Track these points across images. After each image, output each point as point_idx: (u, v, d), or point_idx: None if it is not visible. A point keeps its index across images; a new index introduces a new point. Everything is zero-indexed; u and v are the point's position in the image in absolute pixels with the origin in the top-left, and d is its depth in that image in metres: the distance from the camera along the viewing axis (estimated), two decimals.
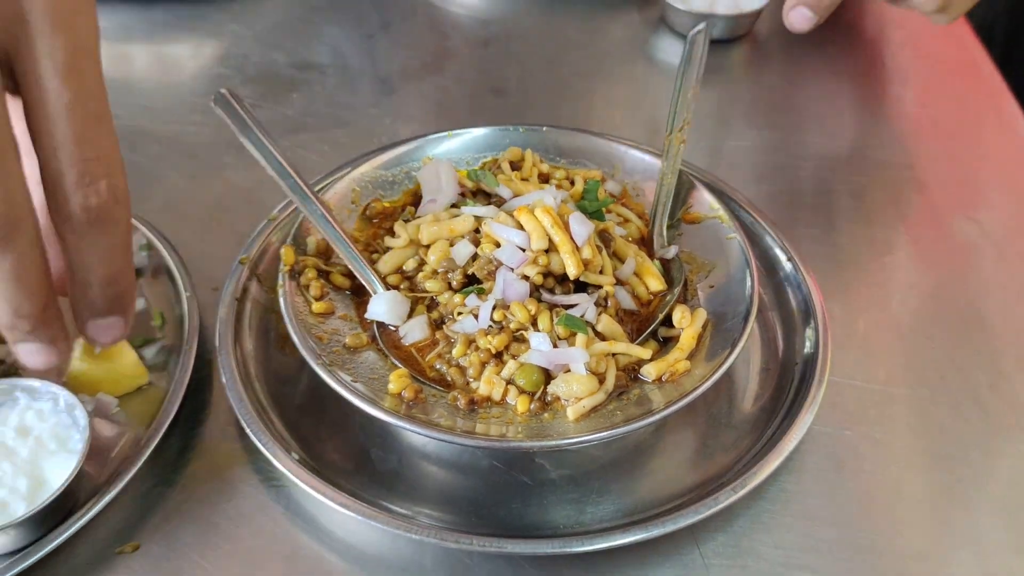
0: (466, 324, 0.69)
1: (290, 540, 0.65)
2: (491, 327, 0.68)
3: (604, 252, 0.73)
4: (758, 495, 0.67)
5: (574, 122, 0.98)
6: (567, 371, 0.67)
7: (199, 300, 0.77)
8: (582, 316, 0.68)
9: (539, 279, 0.69)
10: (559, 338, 0.68)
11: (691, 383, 0.66)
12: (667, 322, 0.71)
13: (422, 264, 0.73)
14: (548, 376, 0.67)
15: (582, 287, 0.71)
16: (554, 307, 0.69)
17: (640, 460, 0.70)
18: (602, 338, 0.69)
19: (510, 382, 0.67)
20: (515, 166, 0.83)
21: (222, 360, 0.71)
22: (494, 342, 0.67)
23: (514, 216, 0.71)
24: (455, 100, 1.07)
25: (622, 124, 1.04)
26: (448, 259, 0.72)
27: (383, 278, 0.73)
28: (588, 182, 0.81)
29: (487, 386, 0.67)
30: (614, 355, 0.68)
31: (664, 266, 0.76)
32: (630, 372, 0.68)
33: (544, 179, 0.83)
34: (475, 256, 0.71)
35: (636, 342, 0.70)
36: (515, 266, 0.69)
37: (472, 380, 0.68)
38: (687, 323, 0.70)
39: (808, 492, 0.68)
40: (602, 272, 0.72)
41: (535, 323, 0.68)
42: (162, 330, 0.76)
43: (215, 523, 0.66)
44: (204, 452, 0.70)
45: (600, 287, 0.71)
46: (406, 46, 1.15)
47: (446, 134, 0.85)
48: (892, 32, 1.18)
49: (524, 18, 1.19)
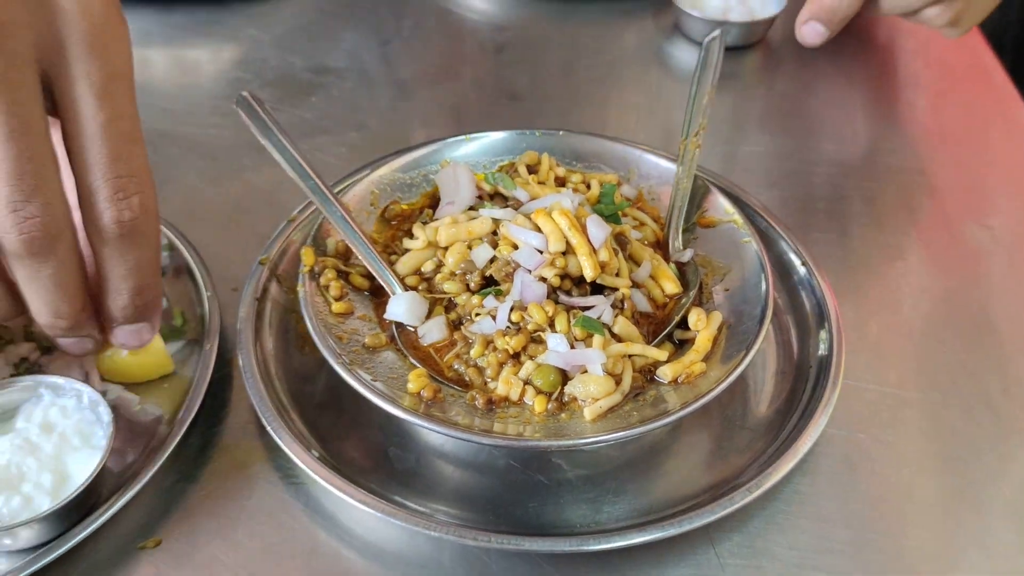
0: (484, 325, 0.70)
1: (310, 537, 0.66)
2: (509, 328, 0.69)
3: (620, 255, 0.74)
4: (773, 496, 0.68)
5: (589, 127, 0.99)
6: (584, 372, 0.67)
7: (219, 300, 0.77)
8: (599, 318, 0.69)
9: (556, 281, 0.70)
10: (576, 339, 0.68)
11: (707, 385, 0.66)
12: (683, 324, 0.72)
13: (440, 265, 0.74)
14: (565, 377, 0.68)
15: (599, 289, 0.72)
16: (571, 309, 0.70)
17: (656, 460, 0.70)
18: (618, 340, 0.70)
19: (527, 382, 0.68)
20: (532, 170, 0.83)
21: (243, 359, 0.72)
22: (512, 343, 0.68)
23: (532, 219, 0.72)
24: (471, 105, 1.08)
25: (636, 129, 1.04)
26: (466, 261, 0.72)
27: (402, 279, 0.74)
28: (604, 186, 0.82)
29: (505, 386, 0.67)
30: (630, 356, 0.69)
31: (680, 269, 0.76)
32: (646, 373, 0.69)
33: (560, 183, 0.83)
34: (493, 258, 0.72)
35: (652, 344, 0.71)
36: (533, 268, 0.70)
37: (490, 380, 0.69)
38: (703, 326, 0.71)
39: (822, 494, 0.69)
40: (618, 275, 0.72)
41: (552, 324, 0.69)
42: (183, 329, 0.77)
43: (236, 519, 0.66)
44: (225, 449, 0.71)
45: (616, 289, 0.72)
46: (422, 51, 1.16)
47: (464, 138, 0.86)
48: (904, 40, 1.19)
49: (539, 24, 1.20)
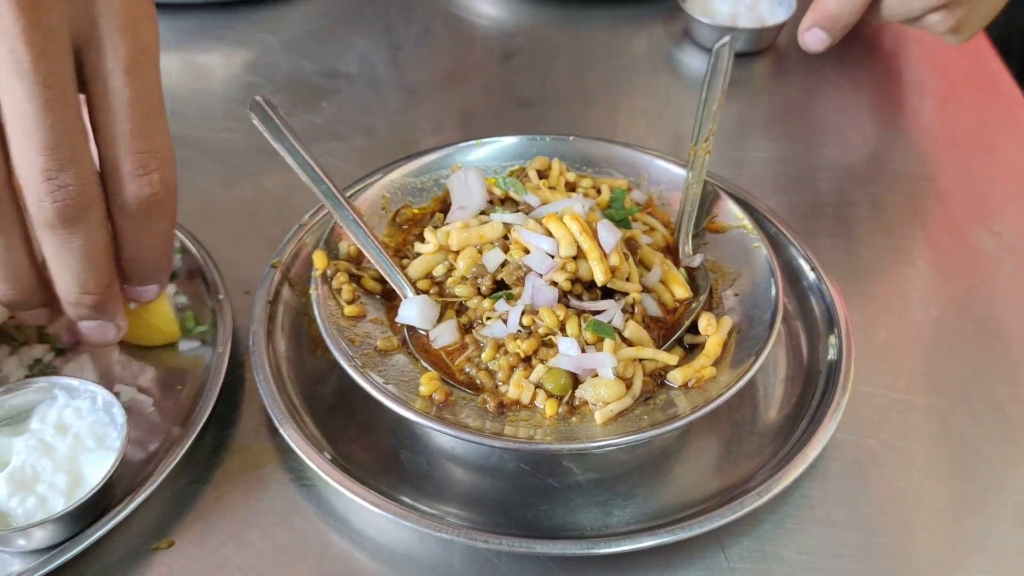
0: (495, 329, 0.70)
1: (321, 538, 0.66)
2: (520, 332, 0.70)
3: (631, 260, 0.74)
4: (782, 500, 0.68)
5: (599, 133, 0.99)
6: (595, 376, 0.68)
7: (231, 303, 0.78)
8: (610, 322, 0.69)
9: (567, 285, 0.70)
10: (587, 343, 0.69)
11: (717, 389, 0.67)
12: (693, 329, 0.72)
13: (451, 269, 0.74)
14: (576, 381, 0.68)
15: (609, 294, 0.72)
16: (582, 313, 0.70)
17: (666, 464, 0.71)
18: (629, 344, 0.70)
19: (538, 386, 0.68)
20: (542, 175, 0.84)
21: (255, 361, 0.72)
22: (523, 346, 0.69)
23: (543, 223, 0.72)
24: (481, 110, 1.08)
25: (646, 135, 1.05)
26: (478, 265, 0.73)
27: (413, 283, 0.74)
28: (614, 191, 0.82)
29: (516, 390, 0.68)
30: (641, 361, 0.69)
31: (690, 274, 0.77)
32: (656, 378, 0.69)
33: (571, 188, 0.84)
34: (504, 262, 0.72)
35: (662, 348, 0.71)
36: (544, 272, 0.70)
37: (501, 384, 0.69)
38: (713, 330, 0.71)
39: (831, 498, 0.69)
40: (629, 279, 0.73)
41: (563, 328, 0.69)
42: (196, 332, 0.78)
43: (248, 521, 0.67)
44: (237, 451, 0.71)
45: (627, 294, 0.72)
46: (432, 56, 1.17)
47: (475, 143, 0.86)
48: (910, 46, 1.19)
49: (549, 30, 1.21)
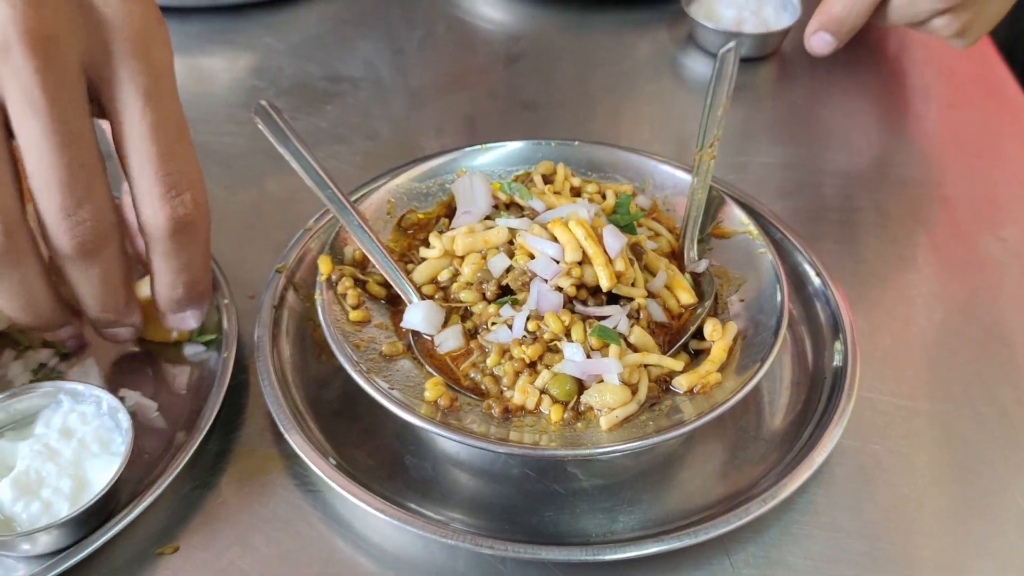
0: (500, 334, 0.70)
1: (326, 544, 0.66)
2: (525, 337, 0.69)
3: (636, 265, 0.74)
4: (787, 507, 0.68)
5: (603, 137, 0.99)
6: (600, 381, 0.68)
7: (236, 307, 0.78)
8: (615, 328, 0.69)
9: (572, 291, 0.70)
10: (592, 349, 0.69)
11: (722, 395, 0.67)
12: (698, 335, 0.72)
13: (456, 275, 0.74)
14: (581, 386, 0.68)
15: (614, 299, 0.72)
16: (587, 318, 0.70)
17: (671, 470, 0.71)
18: (634, 350, 0.70)
19: (544, 391, 0.68)
20: (547, 180, 0.84)
21: (260, 366, 0.72)
22: (528, 352, 0.69)
23: (548, 228, 0.72)
24: (485, 114, 1.08)
25: (651, 139, 1.05)
26: (483, 270, 0.73)
27: (418, 288, 0.74)
28: (619, 196, 0.82)
29: (521, 395, 0.68)
30: (646, 366, 0.69)
31: (695, 280, 0.77)
32: (662, 383, 0.69)
33: (576, 193, 0.83)
34: (509, 267, 0.72)
35: (668, 354, 0.71)
36: (549, 277, 0.70)
37: (506, 389, 0.69)
38: (718, 336, 0.71)
39: (837, 504, 0.69)
40: (634, 285, 0.72)
41: (568, 334, 0.69)
42: (201, 339, 0.77)
43: (253, 526, 0.67)
44: (241, 456, 0.71)
45: (632, 299, 0.72)
46: (437, 61, 1.17)
47: (480, 147, 0.86)
48: (915, 51, 1.19)
49: (553, 35, 1.21)
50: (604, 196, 0.83)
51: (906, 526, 0.68)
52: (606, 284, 0.70)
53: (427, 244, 0.77)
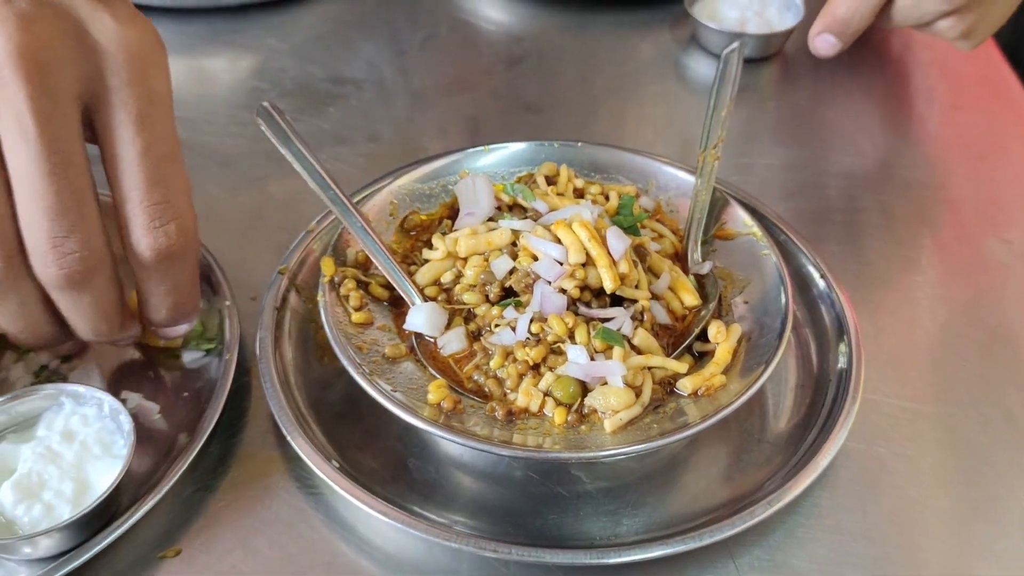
0: (504, 336, 0.70)
1: (329, 547, 0.66)
2: (528, 339, 0.69)
3: (640, 267, 0.74)
4: (792, 510, 0.68)
5: (606, 139, 0.99)
6: (604, 384, 0.67)
7: (238, 309, 0.77)
8: (619, 329, 0.69)
9: (576, 293, 0.70)
10: (596, 351, 0.68)
11: (727, 397, 0.66)
12: (702, 337, 0.72)
13: (459, 276, 0.74)
14: (585, 389, 0.68)
15: (618, 301, 0.72)
16: (591, 320, 0.70)
17: (675, 473, 0.70)
18: (638, 352, 0.69)
19: (547, 394, 0.68)
20: (550, 181, 0.83)
21: (262, 368, 0.72)
22: (532, 354, 0.68)
23: (552, 230, 0.72)
24: (488, 116, 1.08)
25: (654, 141, 1.04)
26: (486, 272, 0.72)
27: (421, 290, 0.74)
28: (623, 197, 0.82)
29: (525, 397, 0.67)
30: (650, 369, 0.69)
31: (699, 281, 0.76)
32: (666, 386, 0.69)
33: (579, 194, 0.83)
34: (513, 269, 0.72)
35: (672, 356, 0.71)
36: (553, 279, 0.70)
37: (509, 391, 0.69)
38: (722, 338, 0.71)
39: (841, 507, 0.69)
40: (638, 287, 0.72)
41: (572, 336, 0.69)
42: (202, 338, 0.77)
43: (255, 529, 0.67)
44: (244, 459, 0.71)
45: (636, 301, 0.71)
46: (440, 62, 1.16)
47: (483, 148, 0.86)
48: (920, 52, 1.19)
49: (556, 36, 1.20)
50: (607, 197, 0.82)
51: (911, 529, 0.68)
52: (610, 286, 0.70)
53: (430, 246, 0.77)
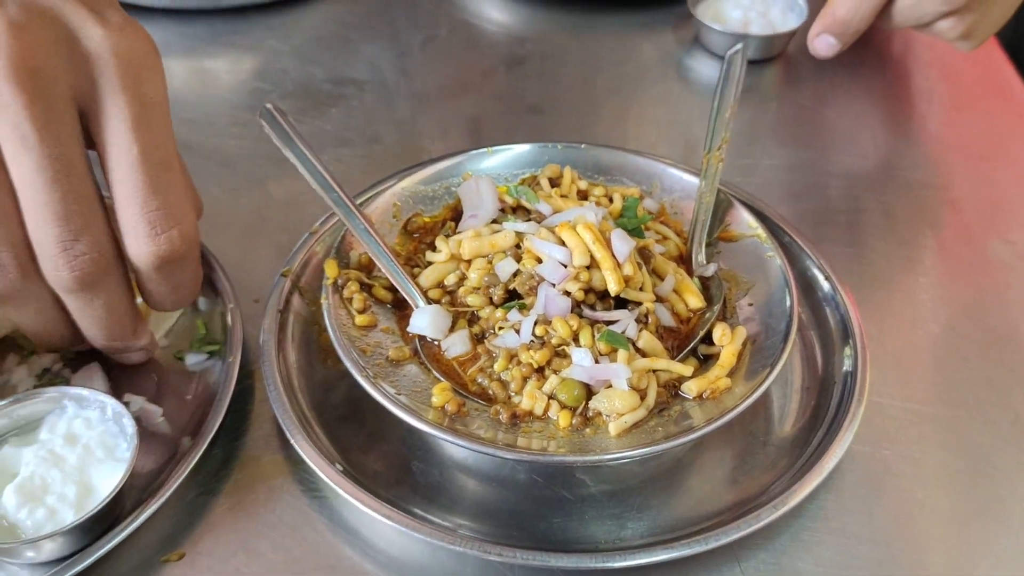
0: (508, 339, 0.70)
1: (333, 550, 0.66)
2: (533, 342, 0.69)
3: (644, 269, 0.73)
4: (798, 513, 0.67)
5: (609, 140, 0.99)
6: (608, 387, 0.67)
7: (241, 312, 0.77)
8: (623, 332, 0.69)
9: (580, 295, 0.70)
10: (600, 354, 0.68)
11: (732, 401, 0.66)
12: (707, 339, 0.72)
13: (463, 279, 0.74)
14: (589, 392, 0.68)
15: (622, 304, 0.72)
16: (595, 323, 0.70)
17: (680, 476, 0.70)
18: (643, 354, 0.69)
19: (552, 397, 0.68)
20: (554, 183, 0.83)
21: (266, 371, 0.72)
22: (536, 357, 0.68)
23: (556, 232, 0.72)
24: (490, 117, 1.08)
25: (657, 142, 1.04)
26: (490, 274, 0.72)
27: (424, 292, 0.74)
28: (627, 199, 0.81)
29: (529, 400, 0.67)
30: (655, 372, 0.69)
31: (703, 284, 0.76)
32: (671, 389, 0.69)
33: (583, 196, 0.83)
34: (516, 272, 0.72)
35: (677, 359, 0.70)
36: (557, 282, 0.70)
37: (514, 394, 0.69)
38: (727, 341, 0.70)
39: (847, 510, 0.68)
40: (642, 289, 0.72)
41: (577, 339, 0.69)
42: (205, 341, 0.77)
43: (259, 532, 0.66)
44: (247, 462, 0.71)
45: (640, 304, 0.71)
46: (442, 63, 1.16)
47: (486, 150, 0.86)
48: (922, 52, 1.19)
49: (559, 37, 1.20)
50: (611, 199, 0.82)
51: (916, 531, 0.68)
52: (614, 288, 0.70)
53: (433, 248, 0.77)
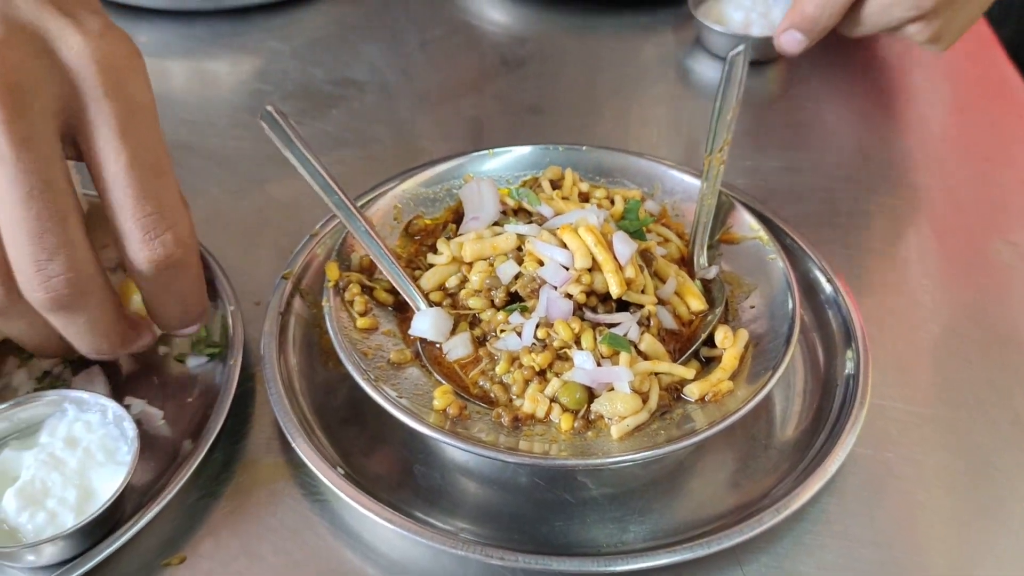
0: (509, 341, 0.70)
1: (334, 554, 0.66)
2: (535, 345, 0.69)
3: (646, 271, 0.73)
4: (800, 516, 0.67)
5: (610, 141, 0.99)
6: (610, 390, 0.67)
7: (242, 314, 0.77)
8: (625, 335, 0.69)
9: (582, 298, 0.70)
10: (602, 357, 0.68)
11: (734, 403, 0.66)
12: (709, 342, 0.72)
13: (464, 281, 0.74)
14: (591, 395, 0.68)
15: (624, 306, 0.72)
16: (597, 326, 0.69)
17: (682, 480, 0.70)
18: (645, 357, 0.69)
19: (554, 400, 0.67)
20: (555, 185, 0.83)
21: (267, 374, 0.72)
22: (538, 360, 0.68)
23: (557, 235, 0.72)
24: (492, 118, 1.08)
25: (658, 143, 1.04)
26: (491, 277, 0.72)
27: (426, 295, 0.73)
28: (629, 202, 0.81)
29: (531, 403, 0.67)
30: (657, 374, 0.69)
31: (705, 286, 0.76)
32: (673, 392, 0.69)
33: (584, 198, 0.83)
34: (518, 274, 0.72)
35: (679, 362, 0.70)
36: (559, 284, 0.70)
37: (515, 397, 0.68)
38: (730, 343, 0.70)
39: (849, 513, 0.68)
40: (644, 292, 0.72)
41: (578, 341, 0.68)
42: (206, 343, 0.77)
43: (260, 536, 0.66)
44: (248, 465, 0.70)
45: (642, 306, 0.71)
46: (443, 64, 1.16)
47: (487, 152, 0.86)
48: (923, 53, 1.18)
49: (560, 38, 1.20)
50: (613, 201, 0.82)
51: (918, 534, 0.68)
52: (616, 291, 0.69)
53: (435, 250, 0.77)
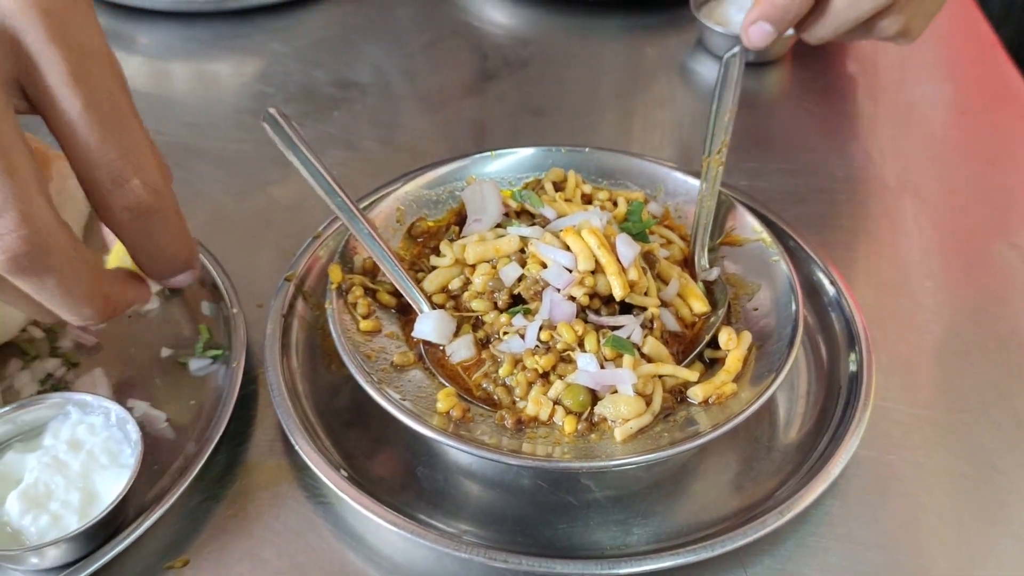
0: (513, 344, 0.69)
1: (337, 556, 0.66)
2: (538, 347, 0.69)
3: (648, 274, 0.73)
4: (804, 519, 0.67)
5: (612, 143, 0.99)
6: (614, 392, 0.67)
7: (244, 316, 0.77)
8: (628, 337, 0.69)
9: (585, 300, 0.70)
10: (606, 359, 0.68)
11: (738, 406, 0.66)
12: (712, 344, 0.72)
13: (467, 283, 0.74)
14: (595, 397, 0.67)
15: (627, 309, 0.72)
16: (600, 328, 0.69)
17: (685, 482, 0.70)
18: (648, 360, 0.69)
19: (557, 402, 0.67)
20: (558, 187, 0.83)
21: (269, 376, 0.72)
22: (541, 362, 0.68)
23: (560, 237, 0.72)
24: (494, 120, 1.08)
25: (660, 145, 1.04)
26: (494, 279, 0.72)
27: (429, 297, 0.73)
28: (631, 204, 0.81)
29: (534, 406, 0.67)
30: (660, 377, 0.68)
31: (707, 288, 0.76)
32: (676, 394, 0.69)
33: (587, 200, 0.83)
34: (521, 276, 0.72)
35: (682, 364, 0.70)
36: (562, 287, 0.70)
37: (519, 400, 0.68)
38: (733, 345, 0.70)
39: (853, 516, 0.68)
40: (647, 294, 0.72)
41: (582, 344, 0.68)
42: (209, 346, 0.77)
43: (263, 538, 0.66)
44: (251, 468, 0.70)
45: (645, 309, 0.71)
46: (446, 66, 1.16)
47: (489, 154, 0.85)
48: (925, 55, 1.18)
49: (562, 39, 1.20)
50: (615, 203, 0.82)
51: (922, 536, 0.68)
52: (619, 293, 0.69)
53: (437, 252, 0.77)
